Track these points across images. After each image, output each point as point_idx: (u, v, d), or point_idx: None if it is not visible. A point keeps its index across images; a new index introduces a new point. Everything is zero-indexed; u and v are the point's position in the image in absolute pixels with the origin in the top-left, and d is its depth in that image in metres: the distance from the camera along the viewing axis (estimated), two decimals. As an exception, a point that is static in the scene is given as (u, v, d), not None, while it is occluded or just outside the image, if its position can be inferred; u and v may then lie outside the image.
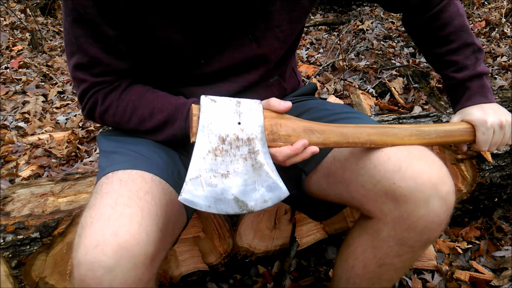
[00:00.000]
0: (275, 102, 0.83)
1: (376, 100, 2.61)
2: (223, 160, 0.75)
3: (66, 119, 2.66)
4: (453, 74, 1.03)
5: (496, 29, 3.88)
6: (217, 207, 0.73)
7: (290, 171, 0.96)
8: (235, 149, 0.76)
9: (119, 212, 0.73)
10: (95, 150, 2.25)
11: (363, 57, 3.44)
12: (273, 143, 0.79)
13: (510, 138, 0.98)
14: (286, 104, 0.83)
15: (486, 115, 0.95)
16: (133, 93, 0.93)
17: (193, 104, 0.82)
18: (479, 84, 1.01)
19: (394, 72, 2.96)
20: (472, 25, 4.18)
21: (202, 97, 0.80)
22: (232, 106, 0.80)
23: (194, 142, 0.76)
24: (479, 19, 4.30)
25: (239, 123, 0.78)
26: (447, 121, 1.47)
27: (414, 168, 0.79)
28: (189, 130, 0.88)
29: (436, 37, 1.04)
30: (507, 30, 3.90)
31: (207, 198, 0.73)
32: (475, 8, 4.84)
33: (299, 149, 0.78)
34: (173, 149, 0.96)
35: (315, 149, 0.80)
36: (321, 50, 3.95)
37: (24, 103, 2.89)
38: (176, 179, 0.88)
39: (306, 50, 3.89)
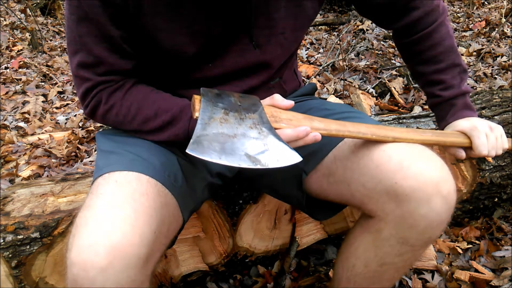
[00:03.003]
0: (279, 97, 0.83)
1: (376, 100, 2.61)
2: (228, 126, 0.74)
3: (66, 119, 2.66)
4: (440, 92, 1.06)
5: (496, 29, 3.88)
6: (228, 159, 0.69)
7: (290, 171, 0.96)
8: (240, 120, 0.75)
9: (113, 213, 0.73)
10: (95, 150, 2.25)
11: (363, 57, 3.45)
12: (276, 124, 0.79)
13: (505, 142, 1.01)
14: (289, 102, 0.83)
15: (474, 123, 0.99)
16: (137, 93, 0.93)
17: (194, 94, 0.81)
18: (463, 101, 1.05)
19: (394, 72, 2.96)
20: (472, 25, 4.18)
21: (202, 88, 0.81)
22: (232, 95, 0.81)
23: (197, 118, 0.74)
24: (479, 19, 4.30)
25: (240, 105, 0.78)
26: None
27: (416, 167, 0.79)
28: (192, 130, 0.89)
29: (426, 56, 1.07)
30: (507, 30, 3.90)
31: (217, 151, 0.69)
32: (475, 8, 4.84)
33: (302, 133, 0.77)
34: (172, 152, 0.96)
35: (316, 134, 0.79)
36: (321, 50, 3.96)
37: (24, 103, 2.89)
38: (172, 182, 0.88)
39: (306, 50, 3.89)
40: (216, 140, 0.70)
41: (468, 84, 1.28)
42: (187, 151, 0.67)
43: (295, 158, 0.75)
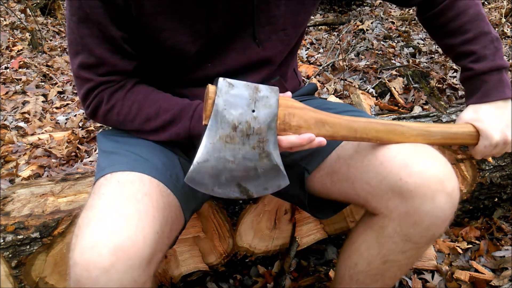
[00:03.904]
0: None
1: (376, 100, 2.61)
2: (232, 147, 0.76)
3: (66, 119, 2.66)
4: (471, 65, 0.99)
5: (496, 29, 3.88)
6: (220, 191, 0.77)
7: (293, 170, 0.96)
8: (245, 137, 0.77)
9: (116, 213, 0.73)
10: (95, 150, 2.25)
11: (363, 57, 3.45)
12: (283, 132, 0.80)
13: (509, 149, 0.97)
14: (287, 94, 0.85)
15: (495, 129, 0.92)
16: (138, 93, 0.93)
17: (210, 85, 0.79)
18: (498, 78, 0.97)
19: (394, 72, 2.96)
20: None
21: (220, 80, 0.78)
22: (248, 92, 0.79)
23: (206, 125, 0.77)
24: (479, 19, 4.29)
25: (253, 111, 0.78)
26: (447, 121, 1.48)
27: (420, 164, 0.80)
28: (192, 130, 0.89)
29: (451, 27, 1.01)
30: (507, 30, 3.90)
31: (212, 182, 0.76)
32: (475, 8, 4.83)
33: (305, 141, 0.79)
34: (173, 153, 0.96)
35: (322, 140, 0.80)
36: (321, 50, 3.96)
37: (24, 103, 2.89)
38: (174, 182, 0.88)
39: (306, 50, 3.89)
40: (214, 167, 0.76)
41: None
42: (185, 180, 0.74)
43: (283, 183, 0.81)
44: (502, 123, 0.94)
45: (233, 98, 0.77)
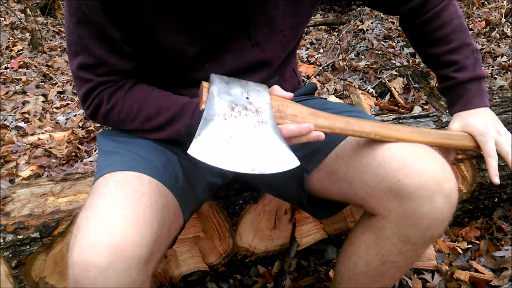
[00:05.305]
0: (278, 89, 0.85)
1: (376, 100, 2.61)
2: (232, 123, 0.74)
3: (66, 119, 2.66)
4: (454, 74, 1.04)
5: (496, 29, 3.88)
6: (227, 164, 0.70)
7: (291, 170, 0.96)
8: (244, 116, 0.76)
9: (114, 213, 0.74)
10: (95, 150, 2.25)
11: (363, 57, 3.45)
12: (280, 120, 0.80)
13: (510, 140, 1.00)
14: (288, 93, 0.85)
15: (486, 126, 0.97)
16: (138, 92, 0.93)
17: (203, 81, 0.81)
18: (478, 87, 1.02)
19: (394, 72, 2.96)
20: (472, 25, 4.19)
21: (212, 74, 0.81)
22: (240, 84, 0.81)
23: (203, 110, 0.75)
24: (479, 19, 4.30)
25: (247, 98, 0.79)
26: (447, 121, 1.48)
27: (419, 165, 0.80)
28: (194, 127, 0.89)
29: (436, 36, 1.05)
30: (507, 30, 3.90)
31: (217, 154, 0.70)
32: (475, 8, 4.85)
33: (305, 129, 0.78)
34: (173, 152, 0.96)
35: (320, 134, 0.80)
36: (321, 50, 3.96)
37: (24, 103, 2.89)
38: (173, 182, 0.88)
39: (306, 50, 3.89)
40: (217, 141, 0.71)
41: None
42: (188, 152, 0.68)
43: (293, 163, 0.75)
44: (489, 120, 0.99)
45: (226, 88, 0.79)
